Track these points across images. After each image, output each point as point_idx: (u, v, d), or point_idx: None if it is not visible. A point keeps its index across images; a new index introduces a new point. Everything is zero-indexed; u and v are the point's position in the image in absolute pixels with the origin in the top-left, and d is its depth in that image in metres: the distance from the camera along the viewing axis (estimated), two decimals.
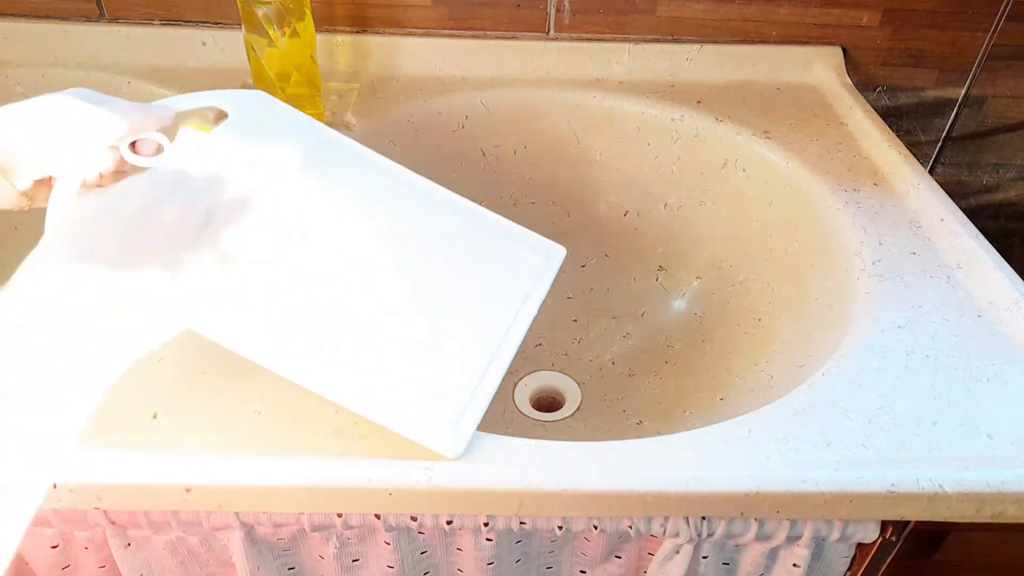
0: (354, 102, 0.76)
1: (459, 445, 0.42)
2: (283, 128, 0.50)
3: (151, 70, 0.79)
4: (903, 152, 0.69)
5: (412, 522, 0.46)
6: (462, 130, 0.78)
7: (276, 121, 0.50)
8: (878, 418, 0.46)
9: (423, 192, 0.53)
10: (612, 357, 0.77)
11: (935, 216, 0.62)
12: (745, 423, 0.46)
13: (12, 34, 0.79)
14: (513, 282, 0.51)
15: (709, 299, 0.76)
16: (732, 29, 0.82)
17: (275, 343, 0.41)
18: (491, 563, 0.49)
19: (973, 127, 0.90)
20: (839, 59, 0.83)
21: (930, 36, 0.82)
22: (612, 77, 0.81)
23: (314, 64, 0.68)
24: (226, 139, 0.46)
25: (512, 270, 0.52)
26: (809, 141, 0.73)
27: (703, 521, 0.45)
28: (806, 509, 0.43)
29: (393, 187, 0.52)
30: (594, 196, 0.82)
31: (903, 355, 0.50)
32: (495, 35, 0.82)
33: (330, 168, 0.50)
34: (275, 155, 0.47)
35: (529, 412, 0.73)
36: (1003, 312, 0.54)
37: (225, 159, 0.44)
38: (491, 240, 0.53)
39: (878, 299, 0.55)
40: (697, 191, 0.77)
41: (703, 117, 0.76)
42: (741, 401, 0.62)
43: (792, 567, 0.48)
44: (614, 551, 0.49)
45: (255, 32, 0.64)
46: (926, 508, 0.43)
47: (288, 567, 0.50)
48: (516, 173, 0.81)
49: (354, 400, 0.42)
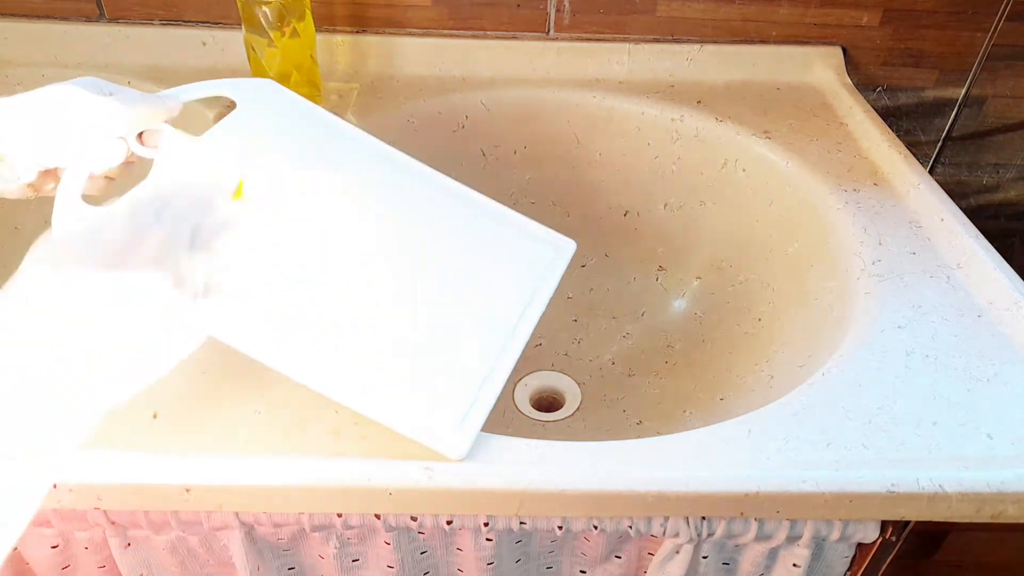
0: (354, 102, 0.76)
1: (463, 446, 0.42)
2: (291, 118, 0.49)
3: (151, 70, 0.79)
4: (903, 152, 0.69)
5: (412, 522, 0.46)
6: (462, 130, 0.78)
7: (284, 110, 0.49)
8: (878, 418, 0.46)
9: (431, 183, 0.52)
10: (612, 357, 0.77)
11: (935, 216, 0.62)
12: (745, 423, 0.46)
13: (12, 34, 0.79)
14: (521, 277, 0.50)
15: (709, 299, 0.76)
16: (732, 29, 0.82)
17: (278, 343, 0.41)
18: (491, 563, 0.49)
19: (973, 127, 0.90)
20: (839, 59, 0.83)
21: (930, 36, 0.82)
22: (612, 77, 0.81)
23: (314, 64, 0.68)
24: (229, 134, 0.45)
25: (521, 265, 0.50)
26: (809, 141, 0.73)
27: (703, 521, 0.45)
28: (806, 509, 0.43)
29: (400, 178, 0.51)
30: (594, 196, 0.82)
31: (903, 355, 0.50)
32: (495, 35, 0.82)
33: (335, 160, 0.49)
34: (280, 149, 0.47)
35: (529, 412, 0.73)
36: (1003, 312, 0.54)
37: (224, 158, 0.44)
38: (500, 233, 0.52)
39: (878, 299, 0.55)
40: (697, 191, 0.77)
41: (703, 117, 0.76)
42: (741, 401, 0.62)
43: (792, 567, 0.48)
44: (614, 551, 0.49)
45: (255, 32, 0.64)
46: (926, 508, 0.43)
47: (288, 567, 0.50)
48: (516, 173, 0.81)
49: (357, 400, 0.42)
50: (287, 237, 0.44)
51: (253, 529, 0.46)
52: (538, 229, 0.54)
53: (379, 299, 0.45)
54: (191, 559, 0.49)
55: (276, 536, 0.47)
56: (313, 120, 0.50)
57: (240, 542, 0.46)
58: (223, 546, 0.48)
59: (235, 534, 0.46)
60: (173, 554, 0.48)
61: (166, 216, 0.37)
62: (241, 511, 0.45)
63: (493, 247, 0.51)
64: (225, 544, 0.48)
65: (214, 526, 0.45)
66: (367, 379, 0.42)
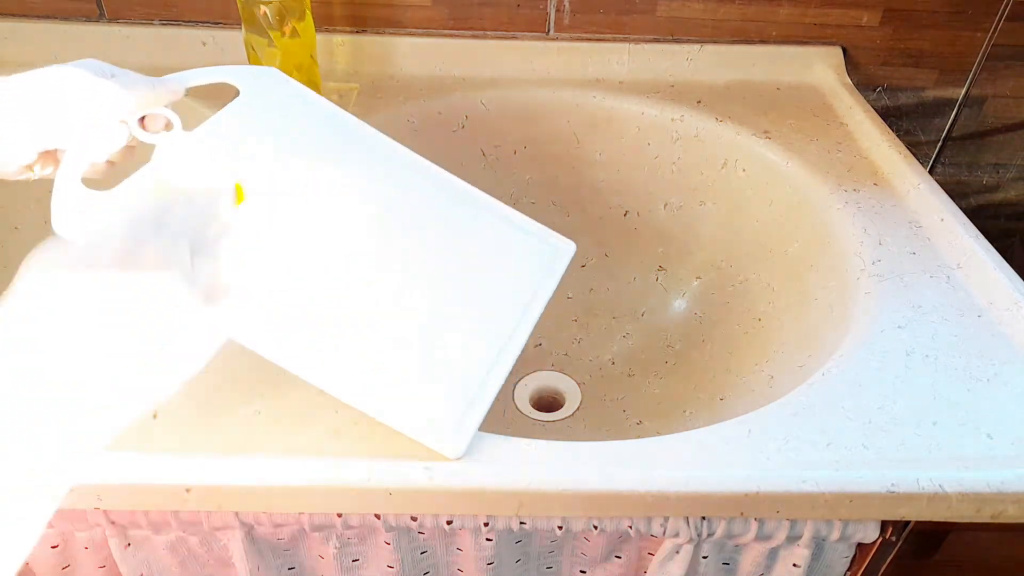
0: (354, 102, 0.76)
1: (460, 445, 0.42)
2: (294, 108, 0.49)
3: (151, 70, 0.78)
4: (903, 152, 0.69)
5: (412, 522, 0.46)
6: (462, 130, 0.78)
7: (288, 100, 0.49)
8: (878, 418, 0.46)
9: (434, 179, 0.52)
10: (612, 357, 0.77)
11: (935, 216, 0.62)
12: (745, 423, 0.46)
13: (12, 34, 0.79)
14: (521, 278, 0.50)
15: (709, 299, 0.76)
16: (732, 29, 0.82)
17: (287, 342, 0.41)
18: (491, 563, 0.49)
19: (973, 127, 0.90)
20: (839, 59, 0.83)
21: (930, 36, 0.82)
22: (612, 77, 0.81)
23: (314, 64, 0.68)
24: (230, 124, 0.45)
25: (521, 265, 0.51)
26: (809, 141, 0.73)
27: (703, 521, 0.45)
28: (806, 509, 0.43)
29: (402, 173, 0.50)
30: (594, 196, 0.82)
31: (903, 355, 0.50)
32: (495, 35, 0.82)
33: (337, 153, 0.49)
34: (282, 140, 0.46)
35: (529, 412, 0.73)
36: (1003, 312, 0.54)
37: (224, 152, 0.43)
38: (500, 232, 0.52)
39: (878, 299, 0.55)
40: (697, 191, 0.77)
41: (703, 117, 0.76)
42: (741, 401, 0.62)
43: (792, 567, 0.48)
44: (614, 551, 0.49)
45: (255, 32, 0.64)
46: (926, 508, 0.43)
47: (288, 567, 0.50)
48: (516, 173, 0.81)
49: (357, 398, 0.42)
50: (288, 235, 0.44)
51: (253, 529, 0.46)
52: (539, 229, 0.54)
53: (379, 298, 0.45)
54: (191, 559, 0.49)
55: (276, 536, 0.47)
56: (317, 111, 0.50)
57: (240, 542, 0.46)
58: (223, 546, 0.48)
59: (235, 534, 0.46)
60: (173, 554, 0.48)
61: (165, 231, 0.36)
62: (241, 511, 0.45)
63: (494, 247, 0.51)
64: (225, 544, 0.48)
65: (214, 526, 0.45)
66: (366, 377, 0.42)
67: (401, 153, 0.52)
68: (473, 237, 0.51)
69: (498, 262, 0.50)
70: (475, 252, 0.50)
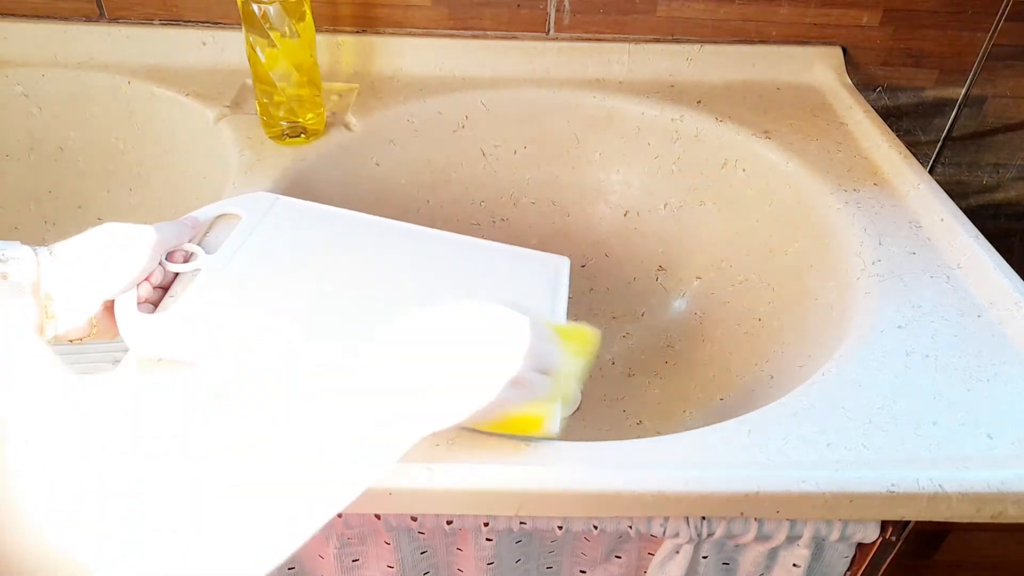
0: (354, 102, 0.76)
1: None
2: (289, 221, 0.56)
3: (151, 70, 0.79)
4: (903, 152, 0.69)
5: (412, 522, 0.46)
6: (462, 130, 0.78)
7: (284, 215, 0.57)
8: (878, 418, 0.46)
9: (432, 238, 0.57)
10: (612, 357, 0.77)
11: (935, 216, 0.62)
12: (745, 423, 0.46)
13: (12, 34, 0.79)
14: (535, 296, 0.54)
15: (709, 299, 0.76)
16: (732, 29, 0.82)
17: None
18: (491, 563, 0.49)
19: (973, 127, 0.90)
20: (839, 59, 0.83)
21: (930, 36, 0.82)
22: (612, 77, 0.81)
23: (314, 64, 0.68)
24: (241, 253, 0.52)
25: (531, 284, 0.56)
26: (809, 141, 0.73)
27: (703, 521, 0.45)
28: (806, 509, 0.43)
29: (412, 246, 0.56)
30: (594, 196, 0.82)
31: (903, 355, 0.50)
32: (495, 35, 0.82)
33: (337, 254, 0.55)
34: (287, 253, 0.53)
35: None
36: (1003, 312, 0.54)
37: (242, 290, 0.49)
38: (504, 265, 0.57)
39: (878, 299, 0.55)
40: (697, 191, 0.77)
41: (703, 117, 0.76)
42: (741, 401, 0.62)
43: (792, 567, 0.48)
44: (614, 551, 0.49)
45: (255, 32, 0.64)
46: (926, 508, 0.43)
47: (288, 567, 0.50)
48: (516, 173, 0.81)
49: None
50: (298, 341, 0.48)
51: None
52: (531, 254, 0.59)
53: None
54: None
55: None
56: (312, 218, 0.57)
57: None
58: None
59: None
60: None
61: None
62: None
63: (504, 278, 0.56)
64: None
65: None
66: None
67: (394, 226, 0.58)
68: (484, 275, 0.55)
69: (513, 290, 0.55)
70: (492, 287, 0.54)
